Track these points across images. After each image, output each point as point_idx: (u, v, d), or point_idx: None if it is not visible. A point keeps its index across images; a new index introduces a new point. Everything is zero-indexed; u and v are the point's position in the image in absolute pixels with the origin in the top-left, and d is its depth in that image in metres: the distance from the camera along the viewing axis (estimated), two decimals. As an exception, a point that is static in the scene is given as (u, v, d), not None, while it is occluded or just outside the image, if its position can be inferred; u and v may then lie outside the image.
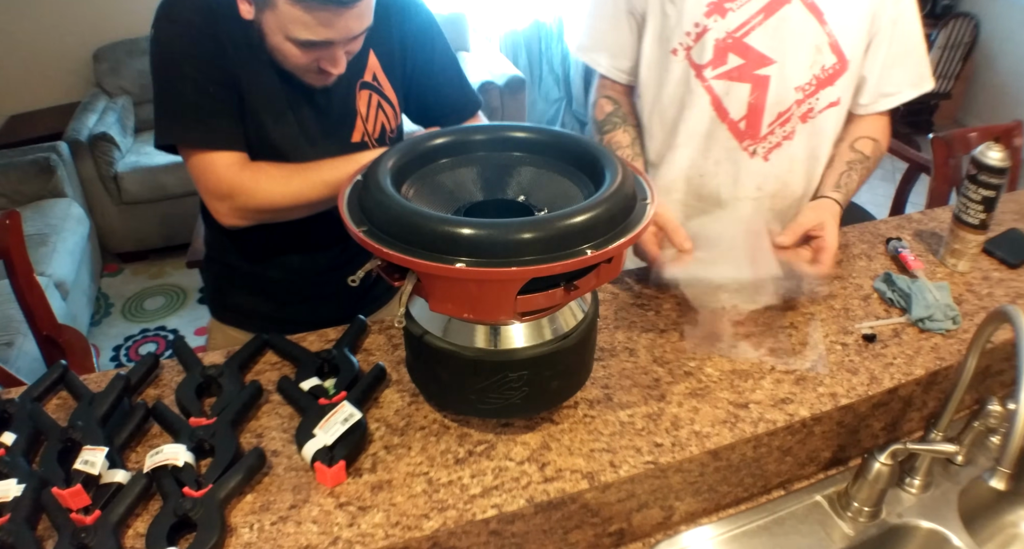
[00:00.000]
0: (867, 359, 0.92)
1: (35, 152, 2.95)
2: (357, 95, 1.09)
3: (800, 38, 1.09)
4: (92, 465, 0.71)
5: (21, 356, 2.16)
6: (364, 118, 1.11)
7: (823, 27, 1.08)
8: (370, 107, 1.11)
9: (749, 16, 1.08)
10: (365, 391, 0.84)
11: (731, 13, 1.08)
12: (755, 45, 1.10)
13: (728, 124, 1.15)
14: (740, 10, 1.08)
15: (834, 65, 1.11)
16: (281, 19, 0.89)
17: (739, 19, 1.09)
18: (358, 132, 1.11)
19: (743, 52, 1.10)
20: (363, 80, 1.09)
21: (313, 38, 0.90)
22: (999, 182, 1.05)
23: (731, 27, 1.09)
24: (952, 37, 4.07)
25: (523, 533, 0.75)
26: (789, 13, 1.07)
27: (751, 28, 1.09)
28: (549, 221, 0.64)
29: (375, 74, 1.10)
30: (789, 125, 1.14)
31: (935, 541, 0.87)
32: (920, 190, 2.10)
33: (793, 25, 1.08)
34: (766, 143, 1.15)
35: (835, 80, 1.12)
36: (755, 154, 1.16)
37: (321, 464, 0.73)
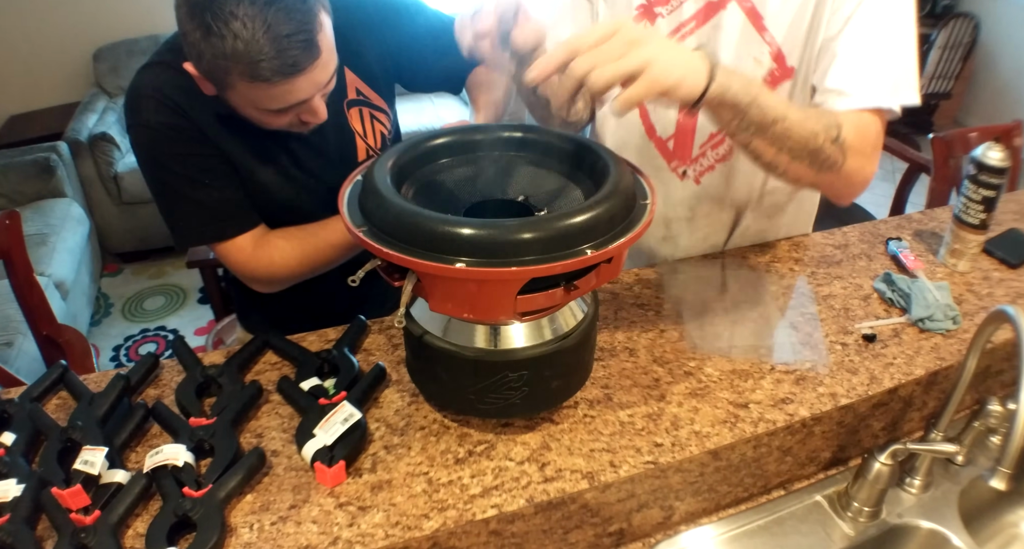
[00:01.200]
0: (867, 359, 0.92)
1: (35, 152, 2.95)
2: (348, 116, 1.08)
3: (736, 48, 0.96)
4: (92, 465, 0.71)
5: (21, 356, 2.16)
6: (363, 135, 1.11)
7: (762, 35, 0.95)
8: (364, 122, 1.10)
9: (680, 23, 0.97)
10: (365, 391, 0.84)
11: (660, 19, 0.97)
12: None
13: (655, 142, 1.06)
14: (671, 15, 0.97)
15: (772, 72, 0.97)
16: (245, 97, 0.88)
17: (669, 26, 0.97)
18: (361, 150, 1.11)
19: None
20: (348, 99, 1.08)
21: (283, 106, 0.89)
22: (999, 182, 1.05)
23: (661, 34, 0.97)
24: (952, 37, 4.07)
25: (523, 533, 0.75)
26: (724, 20, 0.95)
27: (681, 37, 0.97)
28: (549, 221, 0.64)
29: (357, 88, 1.09)
30: (724, 146, 1.04)
31: (935, 541, 0.87)
32: (920, 190, 2.10)
33: (728, 34, 0.95)
34: (697, 165, 1.06)
35: (774, 88, 0.98)
36: (685, 176, 1.07)
37: (321, 464, 0.73)
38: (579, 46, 0.67)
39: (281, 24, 0.81)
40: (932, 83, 4.18)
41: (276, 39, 0.81)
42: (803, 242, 1.20)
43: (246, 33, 0.80)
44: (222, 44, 0.80)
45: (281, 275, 1.06)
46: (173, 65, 0.94)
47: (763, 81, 0.97)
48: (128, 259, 3.37)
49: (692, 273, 1.10)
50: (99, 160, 3.10)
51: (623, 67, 0.65)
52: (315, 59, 0.85)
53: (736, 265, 1.13)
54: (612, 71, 0.65)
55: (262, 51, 0.81)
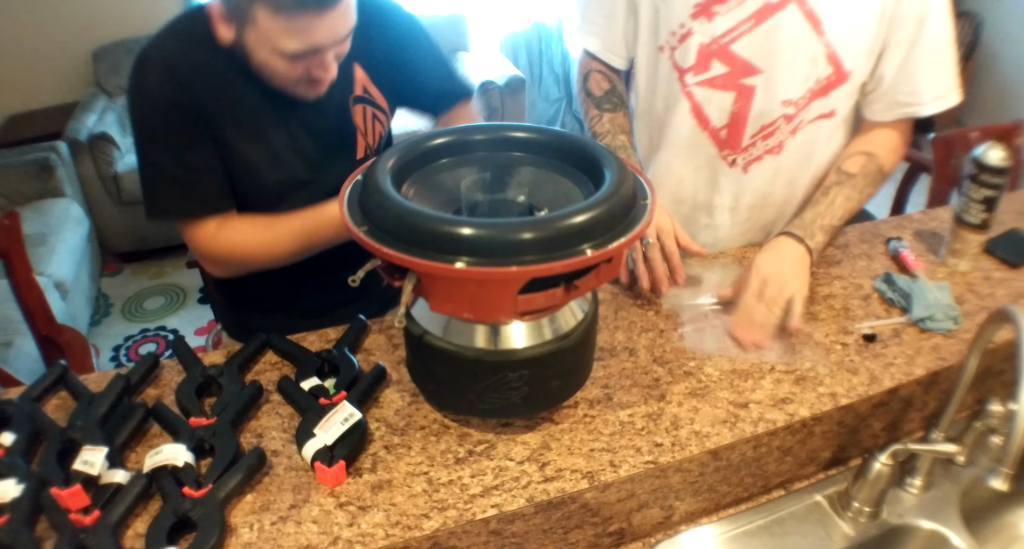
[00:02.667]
0: (867, 359, 0.92)
1: (34, 152, 2.94)
2: (352, 111, 1.09)
3: (793, 48, 1.00)
4: (91, 465, 0.71)
5: (20, 356, 2.16)
6: (364, 132, 1.11)
7: (820, 37, 0.99)
8: (366, 120, 1.11)
9: (738, 22, 1.00)
10: (365, 391, 0.84)
11: (718, 17, 1.00)
12: (741, 53, 1.01)
13: (709, 132, 1.10)
14: (728, 14, 1.00)
15: (829, 76, 1.02)
16: (264, 34, 0.88)
17: (726, 24, 1.00)
18: (360, 148, 1.11)
19: (728, 60, 1.03)
20: (355, 95, 1.09)
21: (300, 47, 0.89)
22: (1000, 182, 1.05)
23: (717, 32, 1.01)
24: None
25: (523, 533, 0.75)
26: (782, 20, 0.98)
27: (739, 35, 1.01)
28: (549, 221, 0.64)
29: (364, 87, 1.10)
30: (774, 138, 1.08)
31: (936, 541, 0.87)
32: (921, 190, 2.10)
33: (786, 34, 0.99)
34: (747, 155, 1.10)
35: (829, 91, 1.04)
36: (734, 164, 1.11)
37: (321, 464, 0.73)
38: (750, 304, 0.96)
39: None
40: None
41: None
42: (803, 242, 1.19)
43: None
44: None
45: (239, 259, 1.05)
46: (185, 35, 0.96)
47: (817, 83, 1.03)
48: (128, 259, 3.37)
49: (692, 273, 1.10)
50: (99, 160, 3.10)
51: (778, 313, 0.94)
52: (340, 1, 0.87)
53: (736, 265, 1.12)
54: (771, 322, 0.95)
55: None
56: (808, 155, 1.11)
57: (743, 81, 1.03)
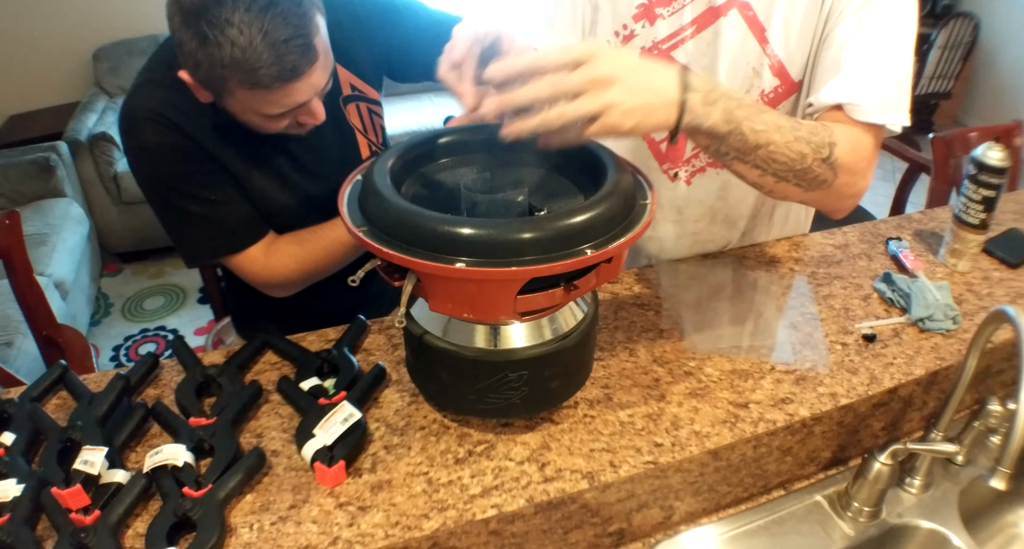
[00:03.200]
0: (867, 359, 0.92)
1: (35, 152, 2.95)
2: (346, 112, 1.08)
3: (734, 58, 0.94)
4: (91, 465, 0.71)
5: (20, 356, 2.16)
6: (363, 130, 1.10)
7: (763, 47, 0.93)
8: (363, 118, 1.10)
9: (679, 26, 0.95)
10: (365, 391, 0.84)
11: (660, 20, 0.96)
12: (681, 61, 0.97)
13: (648, 142, 1.06)
14: (671, 18, 0.95)
15: (776, 88, 0.96)
16: (244, 103, 0.87)
17: (668, 29, 0.96)
18: (364, 146, 1.11)
19: None
20: (344, 96, 1.07)
21: (282, 110, 0.88)
22: (999, 182, 1.05)
23: (658, 37, 0.97)
24: (952, 37, 4.07)
25: (523, 533, 0.75)
26: (724, 28, 0.93)
27: (679, 41, 0.96)
28: (549, 221, 0.64)
29: (352, 84, 1.09)
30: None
31: (935, 541, 0.87)
32: (920, 190, 2.10)
33: (727, 42, 0.94)
34: (689, 166, 1.06)
35: (778, 104, 0.98)
36: (676, 178, 1.07)
37: (321, 464, 0.73)
38: (545, 65, 0.65)
39: (278, 30, 0.80)
40: (932, 83, 4.18)
41: (274, 45, 0.80)
42: (803, 242, 1.20)
43: (243, 40, 0.79)
44: (219, 52, 0.80)
45: (295, 278, 1.06)
46: (164, 82, 0.94)
47: (763, 96, 0.95)
48: (128, 259, 3.37)
49: (692, 273, 1.10)
50: (99, 160, 3.10)
51: (579, 109, 0.65)
52: (313, 62, 0.85)
53: (736, 265, 1.13)
54: (568, 113, 0.65)
55: (260, 58, 0.80)
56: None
57: None
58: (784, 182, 0.82)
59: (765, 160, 0.78)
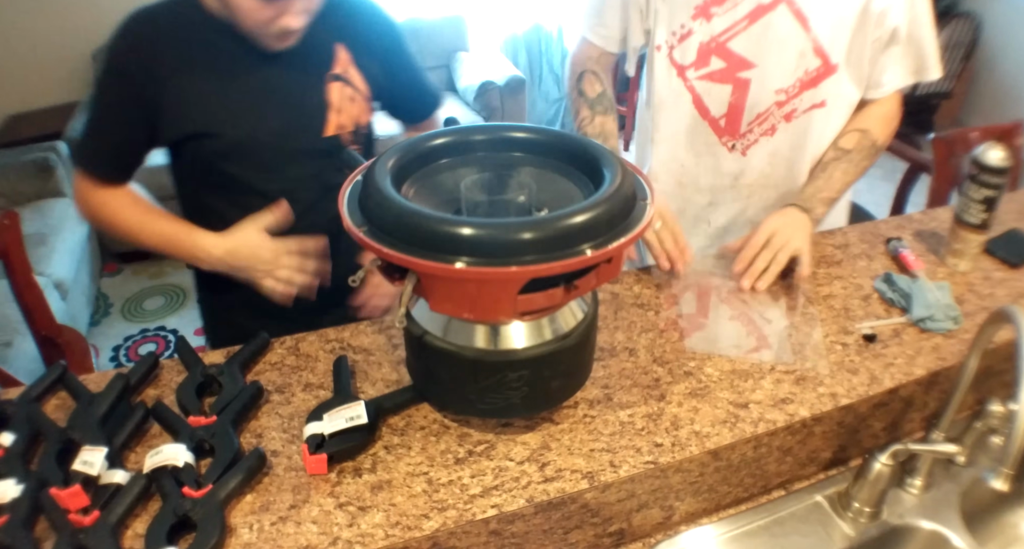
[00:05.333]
0: (867, 359, 0.92)
1: (34, 152, 2.94)
2: (327, 87, 1.10)
3: (783, 44, 1.10)
4: (91, 465, 0.71)
5: (20, 356, 2.16)
6: (337, 110, 1.11)
7: (807, 33, 1.09)
8: (343, 99, 1.11)
9: (734, 22, 1.10)
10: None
11: (716, 17, 1.10)
12: (737, 50, 1.11)
13: (709, 121, 1.19)
14: (726, 15, 1.10)
15: (818, 68, 1.12)
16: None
17: (724, 24, 1.10)
18: (331, 125, 1.12)
19: (725, 56, 1.12)
20: (332, 72, 1.10)
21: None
22: (1000, 182, 1.05)
23: (715, 31, 1.11)
24: (953, 37, 4.07)
25: (523, 533, 0.75)
26: (774, 19, 1.08)
27: (735, 33, 1.11)
28: (549, 221, 0.64)
29: (346, 68, 1.11)
30: (768, 123, 1.17)
31: (936, 542, 0.87)
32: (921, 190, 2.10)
33: (777, 31, 1.09)
34: (744, 140, 1.19)
35: (819, 83, 1.13)
36: (734, 149, 1.20)
37: (306, 447, 0.73)
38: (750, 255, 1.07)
39: None
40: (932, 83, 4.18)
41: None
42: (803, 242, 1.20)
43: None
44: None
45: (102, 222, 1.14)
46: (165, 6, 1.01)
47: (806, 74, 1.13)
48: (128, 259, 3.37)
49: (692, 273, 1.10)
50: (99, 160, 3.10)
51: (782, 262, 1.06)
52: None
53: (736, 265, 1.12)
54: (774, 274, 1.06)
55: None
56: (803, 143, 1.19)
57: (739, 75, 1.13)
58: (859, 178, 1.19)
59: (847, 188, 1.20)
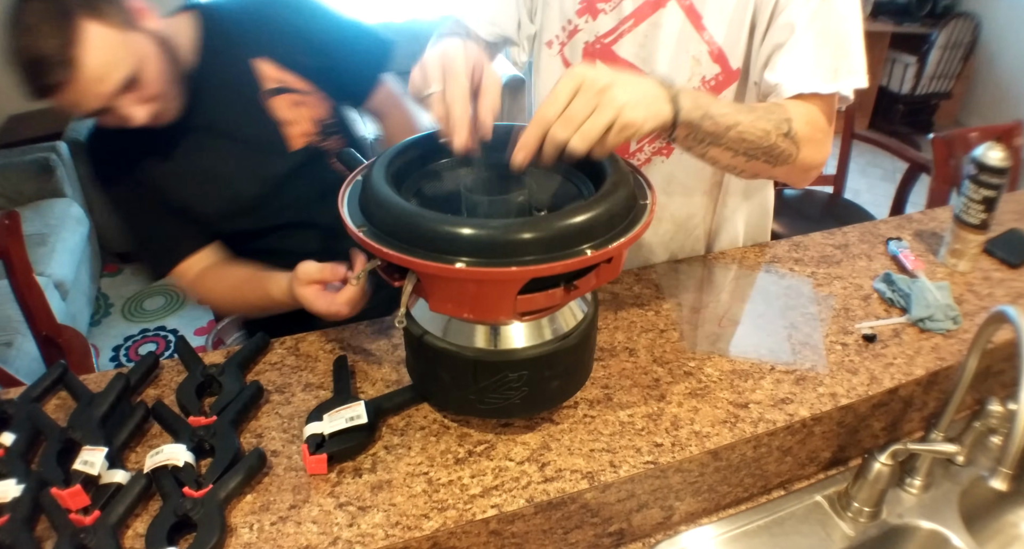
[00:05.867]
0: (867, 359, 0.92)
1: (35, 152, 2.95)
2: (269, 105, 1.06)
3: (674, 47, 0.96)
4: (91, 465, 0.71)
5: (20, 356, 2.16)
6: (291, 122, 1.08)
7: (701, 34, 0.95)
8: (290, 108, 1.08)
9: (619, 21, 0.97)
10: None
11: (602, 15, 0.97)
12: (623, 54, 0.99)
13: None
14: (612, 12, 0.97)
15: (716, 76, 0.98)
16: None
17: (609, 23, 0.98)
18: (294, 140, 1.09)
19: (611, 61, 0.99)
20: (267, 89, 1.06)
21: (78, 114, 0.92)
22: (1000, 182, 1.05)
23: (600, 31, 0.99)
24: (952, 37, 4.07)
25: (523, 533, 0.75)
26: (663, 19, 0.95)
27: (620, 34, 0.98)
28: (549, 221, 0.64)
29: (277, 77, 1.07)
30: (660, 141, 1.04)
31: (936, 541, 0.87)
32: (920, 190, 2.10)
33: (666, 33, 0.96)
34: (634, 160, 1.06)
35: (719, 92, 0.99)
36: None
37: (306, 447, 0.74)
38: (550, 117, 0.68)
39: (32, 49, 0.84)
40: (932, 83, 4.18)
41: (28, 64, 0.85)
42: (803, 242, 1.20)
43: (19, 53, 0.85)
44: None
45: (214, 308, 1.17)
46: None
47: (704, 84, 0.98)
48: (128, 259, 3.37)
49: (692, 273, 1.10)
50: (99, 160, 3.10)
51: (599, 124, 0.67)
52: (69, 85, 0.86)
53: (736, 265, 1.13)
54: (590, 134, 0.67)
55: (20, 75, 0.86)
56: (704, 167, 1.05)
57: None
58: (754, 160, 0.85)
59: (736, 141, 0.81)
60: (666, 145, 1.03)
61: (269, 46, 1.07)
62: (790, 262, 1.14)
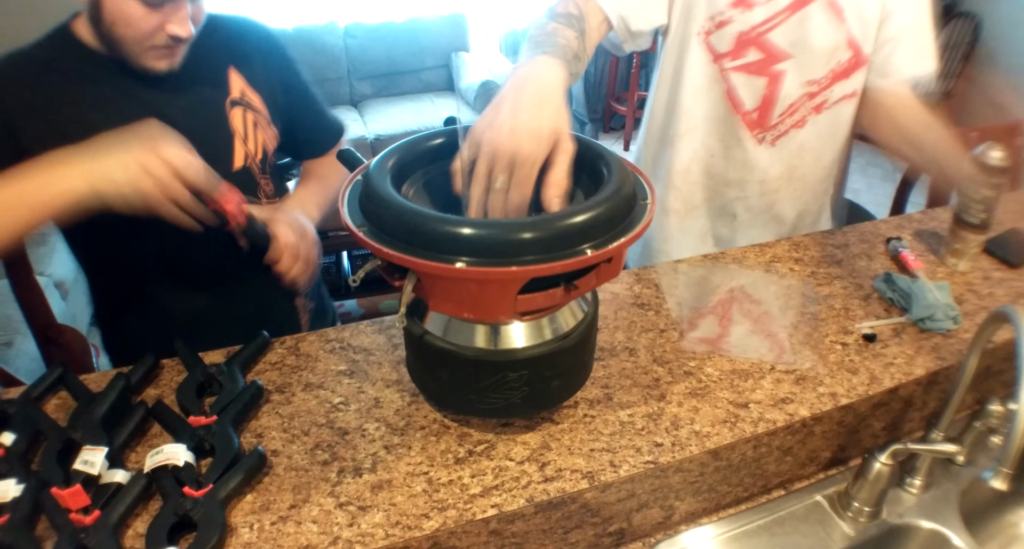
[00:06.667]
0: (867, 359, 0.92)
1: (35, 152, 2.94)
2: (229, 114, 1.03)
3: (820, 36, 1.10)
4: (92, 465, 0.71)
5: (20, 356, 2.16)
6: (243, 138, 1.05)
7: (843, 25, 1.10)
8: (247, 125, 1.05)
9: (775, 12, 1.09)
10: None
11: (758, 7, 1.09)
12: (776, 42, 1.11)
13: (741, 115, 1.18)
14: (767, 4, 1.09)
15: (850, 60, 1.13)
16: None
17: (764, 14, 1.10)
18: (239, 156, 1.05)
19: (763, 47, 1.12)
20: (232, 98, 1.04)
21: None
22: (999, 182, 1.05)
23: (756, 21, 1.10)
24: (953, 37, 4.07)
25: (523, 533, 0.75)
26: (812, 11, 1.09)
27: (775, 24, 1.10)
28: (549, 221, 0.64)
29: (243, 91, 1.06)
30: (798, 114, 1.17)
31: (936, 541, 0.87)
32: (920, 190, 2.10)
33: (815, 23, 1.09)
34: (775, 131, 1.19)
35: (850, 74, 1.15)
36: (763, 141, 1.20)
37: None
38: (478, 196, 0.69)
39: None
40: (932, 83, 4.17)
41: None
42: (803, 242, 1.20)
43: None
44: None
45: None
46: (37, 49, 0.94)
47: (839, 63, 1.13)
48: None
49: (692, 273, 1.10)
50: (99, 160, 3.09)
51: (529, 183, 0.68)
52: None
53: (736, 265, 1.13)
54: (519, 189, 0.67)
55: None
56: (833, 133, 1.21)
57: (774, 67, 1.13)
58: None
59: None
60: (801, 119, 1.18)
61: (244, 61, 1.06)
62: (790, 262, 1.14)
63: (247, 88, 1.06)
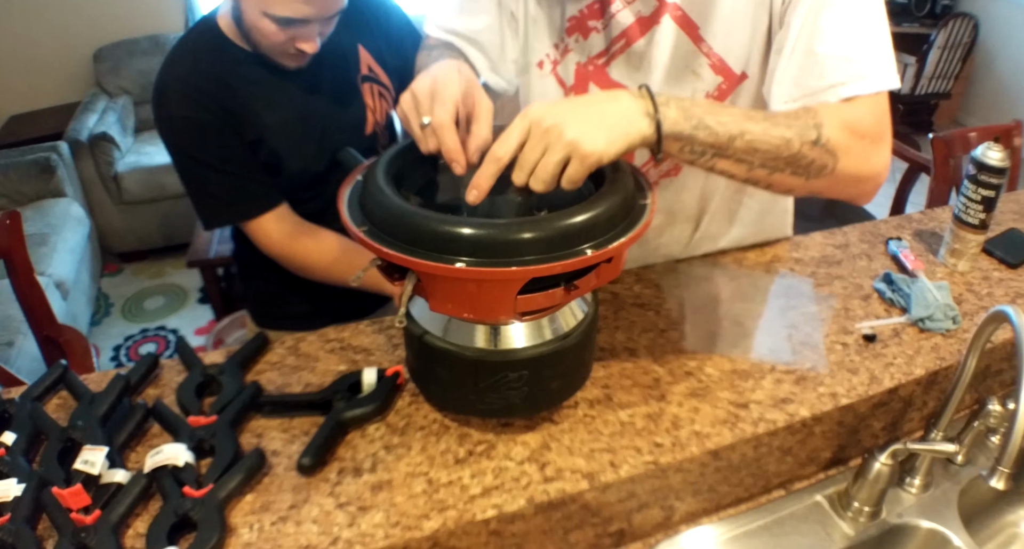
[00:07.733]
0: (867, 359, 0.92)
1: (35, 152, 2.95)
2: (362, 89, 1.16)
3: (672, 62, 0.90)
4: (92, 465, 0.71)
5: (21, 356, 2.16)
6: (373, 110, 1.18)
7: (699, 47, 0.89)
8: (374, 98, 1.18)
9: (611, 40, 0.91)
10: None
11: (594, 34, 0.91)
12: (617, 77, 0.93)
13: None
14: (604, 31, 0.90)
15: (719, 86, 0.91)
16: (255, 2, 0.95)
17: (601, 43, 0.92)
18: (370, 124, 1.19)
19: (606, 84, 0.93)
20: (362, 74, 1.16)
21: (291, 15, 0.95)
22: (999, 182, 1.05)
23: (593, 52, 0.93)
24: (952, 37, 4.07)
25: (523, 533, 0.75)
26: (657, 35, 0.88)
27: (613, 55, 0.92)
28: (549, 221, 0.64)
29: (369, 66, 1.17)
30: (667, 164, 1.00)
31: (935, 541, 0.87)
32: (920, 190, 2.10)
33: (661, 50, 0.89)
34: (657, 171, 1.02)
35: (724, 100, 0.93)
36: None
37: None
38: (500, 156, 0.67)
39: None
40: (932, 83, 4.18)
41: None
42: (803, 242, 1.20)
43: None
44: None
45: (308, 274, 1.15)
46: (193, 51, 1.05)
47: (707, 94, 0.92)
48: (128, 259, 3.37)
49: (692, 273, 1.10)
50: (99, 160, 3.10)
51: (551, 164, 0.66)
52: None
53: (736, 265, 1.13)
54: (544, 175, 0.67)
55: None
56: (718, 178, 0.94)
57: None
58: (778, 172, 0.76)
59: (746, 152, 0.73)
60: (673, 168, 0.98)
61: (369, 37, 1.16)
62: (790, 262, 1.14)
63: (372, 63, 1.18)
